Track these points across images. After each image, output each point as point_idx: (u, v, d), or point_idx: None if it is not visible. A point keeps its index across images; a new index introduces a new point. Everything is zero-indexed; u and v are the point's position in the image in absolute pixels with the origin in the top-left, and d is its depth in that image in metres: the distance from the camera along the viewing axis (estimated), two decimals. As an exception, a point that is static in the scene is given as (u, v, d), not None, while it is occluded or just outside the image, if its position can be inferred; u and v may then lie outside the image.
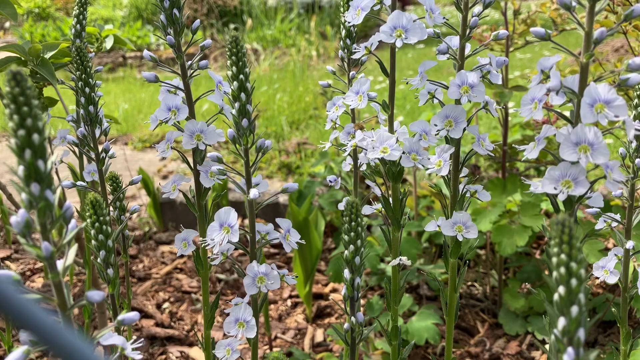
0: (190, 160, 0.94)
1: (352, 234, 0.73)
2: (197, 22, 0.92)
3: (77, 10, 1.20)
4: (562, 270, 0.46)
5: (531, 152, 0.69)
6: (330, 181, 1.11)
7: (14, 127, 0.45)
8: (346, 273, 0.77)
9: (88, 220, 0.74)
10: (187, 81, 0.92)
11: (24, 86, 0.45)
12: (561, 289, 0.46)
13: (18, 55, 1.15)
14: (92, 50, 1.36)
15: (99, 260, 0.79)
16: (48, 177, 0.46)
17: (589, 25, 0.63)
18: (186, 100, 0.93)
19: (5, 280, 0.49)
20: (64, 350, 0.31)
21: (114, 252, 0.80)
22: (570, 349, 0.47)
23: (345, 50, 1.04)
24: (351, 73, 1.05)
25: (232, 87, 0.79)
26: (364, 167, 1.05)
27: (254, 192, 0.82)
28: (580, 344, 0.47)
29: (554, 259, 0.46)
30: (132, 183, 1.07)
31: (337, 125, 1.06)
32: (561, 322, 0.47)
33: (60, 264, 0.50)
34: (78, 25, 1.20)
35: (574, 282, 0.46)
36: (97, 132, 1.02)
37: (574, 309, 0.46)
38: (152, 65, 0.94)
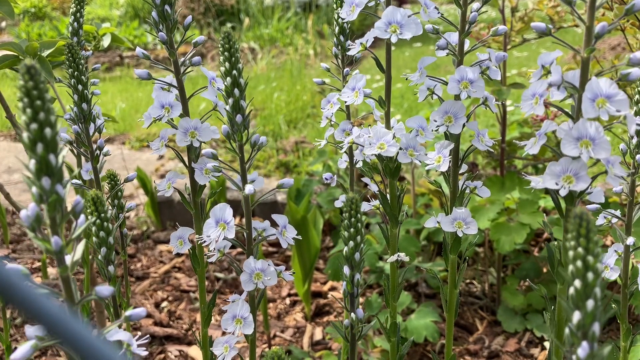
0: (186, 158, 0.94)
1: (352, 230, 0.73)
2: (189, 18, 0.91)
3: (75, 8, 1.19)
4: (579, 263, 0.45)
5: (532, 147, 0.69)
6: (326, 178, 1.11)
7: (26, 120, 0.45)
8: (346, 269, 0.76)
9: (89, 217, 0.74)
10: (180, 78, 0.92)
11: (37, 80, 0.45)
12: (577, 283, 0.46)
13: (15, 54, 1.14)
14: (89, 48, 1.35)
15: (99, 257, 0.79)
16: (59, 171, 0.46)
17: (590, 19, 0.63)
18: (180, 98, 0.92)
19: (14, 273, 0.49)
20: (70, 338, 0.30)
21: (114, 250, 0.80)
22: (584, 343, 0.46)
23: (339, 47, 1.03)
24: (345, 70, 1.04)
25: (225, 83, 0.78)
26: (359, 164, 1.05)
27: (249, 188, 0.81)
28: (595, 338, 0.46)
29: (571, 252, 0.46)
30: (127, 180, 1.07)
31: (332, 123, 1.06)
32: (576, 316, 0.46)
33: (68, 259, 0.49)
34: (75, 23, 1.19)
35: (590, 275, 0.45)
36: (91, 129, 1.01)
37: (590, 303, 0.46)
38: (149, 64, 0.93)
